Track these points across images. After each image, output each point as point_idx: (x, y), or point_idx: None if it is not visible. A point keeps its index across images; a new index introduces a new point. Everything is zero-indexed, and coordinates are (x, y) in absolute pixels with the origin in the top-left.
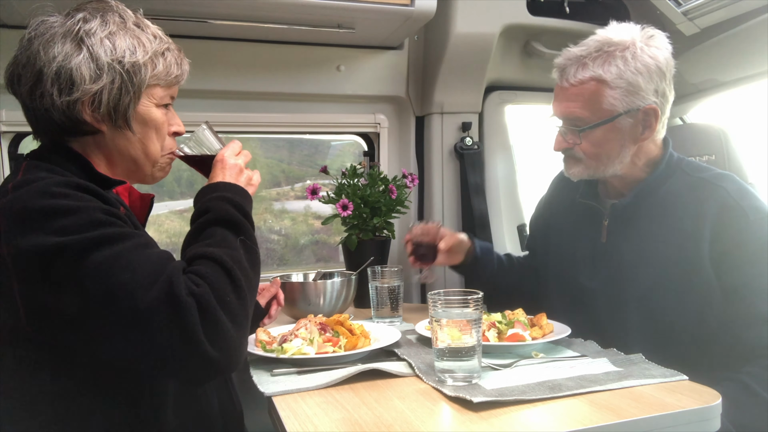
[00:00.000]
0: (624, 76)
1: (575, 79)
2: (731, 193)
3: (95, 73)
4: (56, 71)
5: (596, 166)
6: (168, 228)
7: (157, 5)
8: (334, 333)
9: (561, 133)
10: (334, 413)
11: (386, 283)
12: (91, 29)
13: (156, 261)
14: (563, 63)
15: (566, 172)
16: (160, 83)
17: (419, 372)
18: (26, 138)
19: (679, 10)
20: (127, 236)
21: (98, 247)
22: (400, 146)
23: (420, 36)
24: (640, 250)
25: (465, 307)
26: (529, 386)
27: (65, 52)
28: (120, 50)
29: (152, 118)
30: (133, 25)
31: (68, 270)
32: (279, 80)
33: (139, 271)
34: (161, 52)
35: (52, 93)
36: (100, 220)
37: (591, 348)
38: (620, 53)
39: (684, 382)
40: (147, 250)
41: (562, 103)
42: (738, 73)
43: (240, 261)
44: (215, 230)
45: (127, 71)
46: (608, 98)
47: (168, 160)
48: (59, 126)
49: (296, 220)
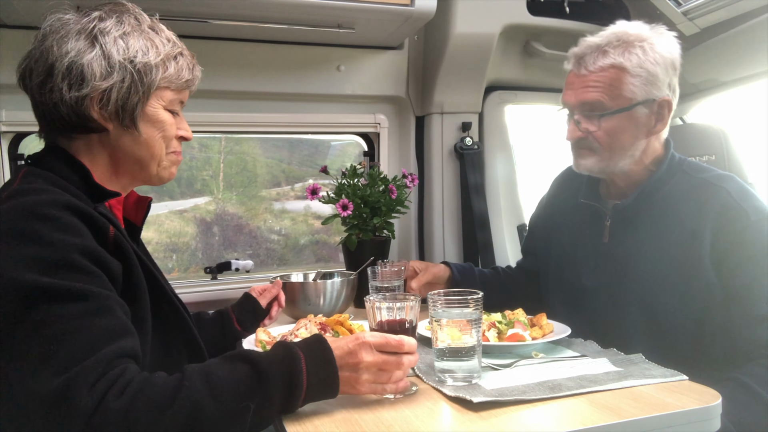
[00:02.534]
0: (644, 66)
1: (595, 66)
2: (732, 193)
3: (106, 71)
4: (68, 66)
5: (609, 157)
6: (168, 228)
7: (158, 5)
8: (334, 333)
9: (575, 122)
10: (334, 413)
11: (386, 283)
12: (106, 28)
13: (91, 340)
14: (581, 51)
15: (577, 165)
16: (171, 86)
17: (419, 372)
18: (26, 138)
19: (679, 10)
20: (82, 296)
21: (47, 300)
22: (400, 146)
23: (420, 36)
24: (642, 250)
25: (465, 307)
26: (529, 386)
27: (78, 48)
28: (132, 50)
29: (160, 119)
30: (148, 28)
31: (9, 308)
32: (279, 80)
33: (63, 350)
34: (174, 56)
35: (62, 87)
36: (68, 262)
37: (591, 348)
38: (639, 43)
39: (684, 382)
40: (95, 320)
41: (579, 90)
42: (738, 73)
43: (204, 419)
44: (240, 370)
45: (138, 71)
46: (629, 85)
47: (174, 160)
48: (66, 121)
49: (296, 220)
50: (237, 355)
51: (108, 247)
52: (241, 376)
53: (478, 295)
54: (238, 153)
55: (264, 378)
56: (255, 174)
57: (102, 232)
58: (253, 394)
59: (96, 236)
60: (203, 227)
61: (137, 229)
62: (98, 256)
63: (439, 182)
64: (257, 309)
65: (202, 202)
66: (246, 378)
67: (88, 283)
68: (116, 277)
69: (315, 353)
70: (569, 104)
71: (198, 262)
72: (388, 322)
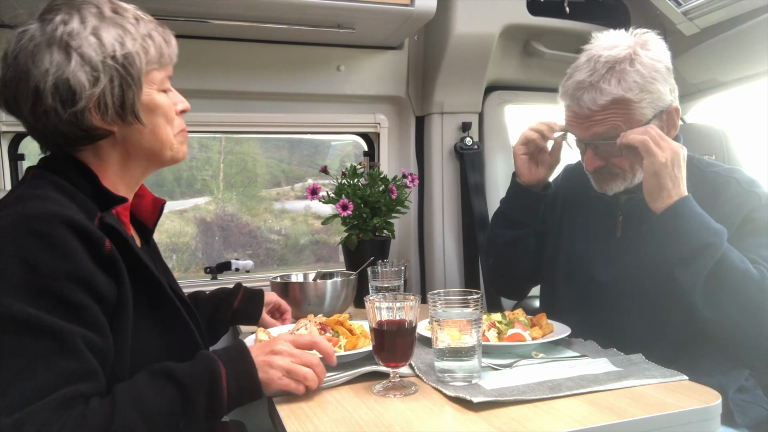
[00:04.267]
0: (645, 88)
1: (597, 105)
2: (742, 183)
3: (92, 77)
4: (53, 84)
5: (633, 176)
6: (168, 228)
7: (157, 5)
8: (334, 333)
9: (593, 149)
10: (334, 413)
11: (386, 283)
12: (74, 30)
13: (48, 381)
14: (573, 89)
15: (603, 189)
16: (156, 67)
17: (419, 372)
18: (26, 138)
19: (679, 10)
20: (52, 333)
21: (16, 330)
22: (400, 146)
23: (420, 36)
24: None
25: (465, 307)
26: (529, 386)
27: (56, 62)
28: (109, 45)
29: (157, 104)
30: (112, 13)
31: None
32: (279, 80)
33: (18, 388)
34: (148, 35)
35: (56, 107)
36: (51, 291)
37: (591, 348)
38: (630, 67)
39: (684, 382)
40: (58, 360)
41: (587, 124)
42: (738, 73)
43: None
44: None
45: (123, 65)
46: (637, 110)
47: (182, 139)
48: (71, 138)
49: (296, 220)
50: (163, 373)
51: (103, 263)
52: (169, 398)
53: (478, 295)
54: (238, 153)
55: (188, 400)
56: (255, 174)
57: (97, 248)
58: (182, 414)
59: (91, 252)
60: (203, 227)
61: (149, 231)
62: (88, 281)
63: (439, 182)
64: (257, 313)
65: (202, 202)
66: (173, 400)
67: (65, 317)
68: (107, 299)
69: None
70: (581, 137)
71: (198, 262)
72: (388, 322)
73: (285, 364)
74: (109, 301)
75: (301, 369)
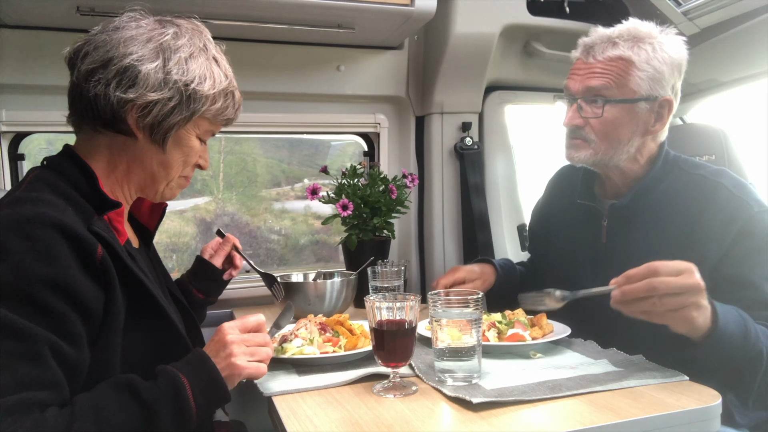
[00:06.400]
0: (651, 62)
1: (604, 56)
2: (731, 188)
3: (159, 85)
4: (125, 67)
5: (604, 151)
6: (168, 228)
7: (157, 5)
8: (334, 333)
9: (576, 107)
10: (334, 413)
11: (386, 283)
12: (177, 46)
13: (7, 383)
14: (591, 41)
15: (570, 157)
16: (211, 118)
17: (419, 372)
18: (26, 138)
19: (679, 10)
20: (21, 336)
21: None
22: (400, 146)
23: (420, 36)
24: (641, 249)
25: (465, 307)
26: (529, 386)
27: (142, 54)
28: (191, 74)
29: (189, 145)
30: (212, 58)
31: None
32: (279, 80)
33: None
34: (225, 93)
35: (110, 83)
36: (27, 295)
37: (591, 348)
38: (649, 41)
39: (684, 382)
40: (21, 364)
41: (585, 76)
42: (738, 73)
43: None
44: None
45: (189, 96)
46: (635, 78)
47: (181, 183)
48: (97, 115)
49: (296, 220)
50: (126, 387)
51: (93, 270)
52: (131, 415)
53: (478, 295)
54: (238, 153)
55: (152, 419)
56: (255, 174)
57: (88, 254)
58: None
59: (80, 259)
60: (203, 227)
61: (150, 233)
62: (71, 289)
63: (439, 182)
64: (214, 273)
65: (202, 202)
66: (134, 418)
67: (38, 322)
68: (91, 307)
69: (199, 375)
70: (573, 90)
71: None
72: (387, 322)
73: (244, 351)
74: (93, 311)
75: (260, 350)
